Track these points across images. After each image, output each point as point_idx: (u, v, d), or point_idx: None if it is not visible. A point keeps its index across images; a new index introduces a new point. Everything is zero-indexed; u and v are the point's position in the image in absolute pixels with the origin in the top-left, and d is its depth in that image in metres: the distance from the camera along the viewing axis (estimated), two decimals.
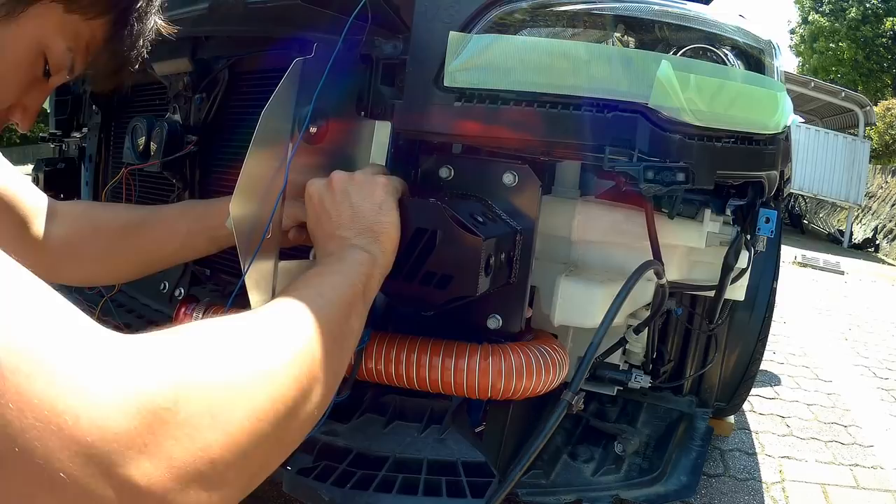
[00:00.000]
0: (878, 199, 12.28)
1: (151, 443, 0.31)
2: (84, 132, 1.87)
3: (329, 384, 0.50)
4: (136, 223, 0.91)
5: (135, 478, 0.30)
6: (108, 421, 0.29)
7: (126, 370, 0.32)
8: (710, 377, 1.52)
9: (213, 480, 0.34)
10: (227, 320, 0.45)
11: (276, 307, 0.52)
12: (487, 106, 0.82)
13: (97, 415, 0.29)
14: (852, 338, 3.74)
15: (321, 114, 0.82)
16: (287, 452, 0.45)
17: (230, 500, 0.36)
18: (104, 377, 0.30)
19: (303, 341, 0.48)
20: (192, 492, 0.32)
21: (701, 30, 0.87)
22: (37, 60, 0.67)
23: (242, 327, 0.45)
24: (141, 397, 0.31)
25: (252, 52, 1.20)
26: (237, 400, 0.37)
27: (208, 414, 0.35)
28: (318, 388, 0.47)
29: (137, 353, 0.34)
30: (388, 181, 0.76)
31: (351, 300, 0.60)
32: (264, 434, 0.39)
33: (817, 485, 1.80)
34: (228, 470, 0.35)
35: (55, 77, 0.70)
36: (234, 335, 0.44)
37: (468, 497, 0.87)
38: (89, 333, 0.32)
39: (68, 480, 0.28)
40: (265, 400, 0.40)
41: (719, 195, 1.09)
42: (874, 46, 18.15)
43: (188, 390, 0.34)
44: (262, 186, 0.76)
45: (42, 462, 0.27)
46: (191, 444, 0.33)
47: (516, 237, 0.86)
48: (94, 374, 0.30)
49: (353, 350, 0.62)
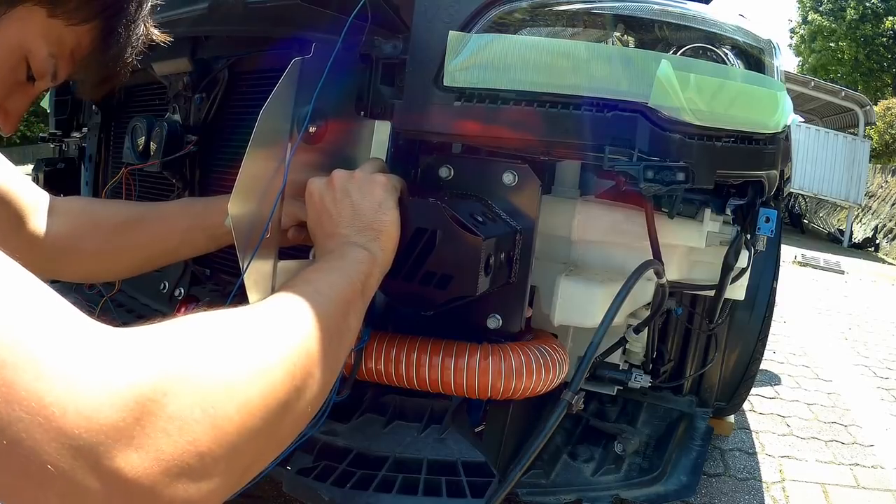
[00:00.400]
0: (878, 198, 12.28)
1: (140, 435, 0.30)
2: (84, 132, 1.87)
3: (325, 381, 0.50)
4: (134, 219, 0.91)
5: (122, 470, 0.29)
6: (96, 413, 0.29)
7: (115, 362, 0.32)
8: (710, 377, 1.52)
9: (202, 474, 0.33)
10: (222, 314, 0.44)
11: (272, 302, 0.51)
12: (487, 105, 0.82)
13: (85, 407, 0.29)
14: (852, 337, 3.74)
15: (320, 113, 0.82)
16: (280, 448, 0.45)
17: (220, 494, 0.35)
18: (92, 369, 0.30)
19: (298, 337, 0.48)
20: (180, 485, 0.32)
21: (701, 29, 0.87)
22: (18, 65, 0.65)
23: (237, 321, 0.45)
24: (129, 389, 0.31)
25: (252, 52, 1.20)
26: (228, 393, 0.37)
27: (198, 407, 0.34)
28: (312, 385, 0.47)
29: (127, 345, 0.34)
30: (387, 180, 0.76)
31: (349, 298, 0.60)
32: (256, 429, 0.38)
33: (817, 484, 1.80)
34: (218, 464, 0.35)
35: (39, 83, 0.69)
36: (229, 328, 0.43)
37: (468, 497, 0.87)
38: (78, 326, 0.32)
39: (55, 473, 0.28)
40: (257, 394, 0.39)
41: (719, 195, 1.09)
42: (874, 46, 18.15)
43: (178, 382, 0.34)
44: (260, 186, 0.76)
45: (29, 455, 0.27)
46: (180, 436, 0.32)
47: (516, 237, 0.86)
48: (83, 366, 0.30)
49: (352, 348, 0.62)
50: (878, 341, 3.72)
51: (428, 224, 0.75)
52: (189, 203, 0.99)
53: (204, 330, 0.41)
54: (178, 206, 0.96)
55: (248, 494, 0.40)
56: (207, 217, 0.90)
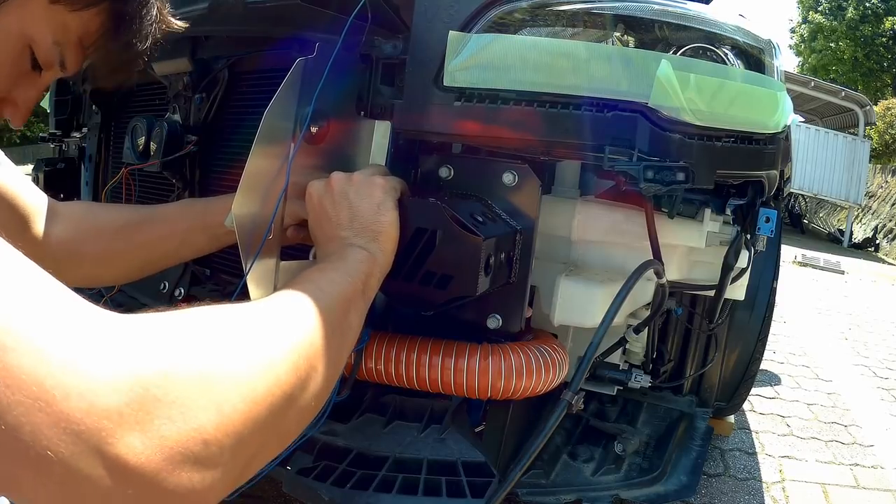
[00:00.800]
0: (878, 198, 12.28)
1: (143, 421, 0.30)
2: (84, 132, 1.87)
3: (328, 376, 0.50)
4: (135, 222, 0.91)
5: (125, 456, 0.29)
6: (98, 397, 0.28)
7: (119, 347, 0.31)
8: (710, 377, 1.52)
9: (206, 462, 0.33)
10: (228, 307, 0.44)
11: (276, 298, 0.51)
12: (487, 105, 0.82)
13: (87, 391, 0.28)
14: (852, 337, 3.74)
15: (321, 114, 0.82)
16: (283, 443, 0.44)
17: (223, 484, 0.35)
18: (96, 354, 0.30)
19: (302, 331, 0.48)
20: (184, 473, 0.31)
21: (701, 29, 0.87)
22: (22, 54, 0.63)
23: (243, 314, 0.45)
24: (133, 374, 0.31)
25: (252, 52, 1.20)
26: (234, 382, 0.37)
27: (203, 394, 0.34)
28: (316, 379, 0.47)
29: (132, 330, 0.33)
30: (386, 181, 0.76)
31: (350, 296, 0.60)
32: (260, 419, 0.38)
33: (817, 484, 1.80)
34: (223, 453, 0.34)
35: (47, 73, 0.66)
36: (234, 321, 0.43)
37: (468, 497, 0.87)
38: (81, 311, 0.32)
39: (55, 459, 0.27)
40: (262, 385, 0.39)
41: (719, 195, 1.09)
42: (874, 46, 18.15)
43: (183, 369, 0.33)
44: (264, 186, 0.76)
45: (29, 440, 0.26)
46: (184, 423, 0.32)
47: (516, 237, 0.86)
48: (86, 350, 0.29)
49: (353, 346, 0.62)
50: (878, 341, 3.72)
51: (428, 224, 0.75)
52: (188, 204, 0.99)
53: (210, 321, 0.41)
54: (178, 208, 0.96)
55: (248, 494, 0.40)
56: (207, 217, 0.90)
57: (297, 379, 0.44)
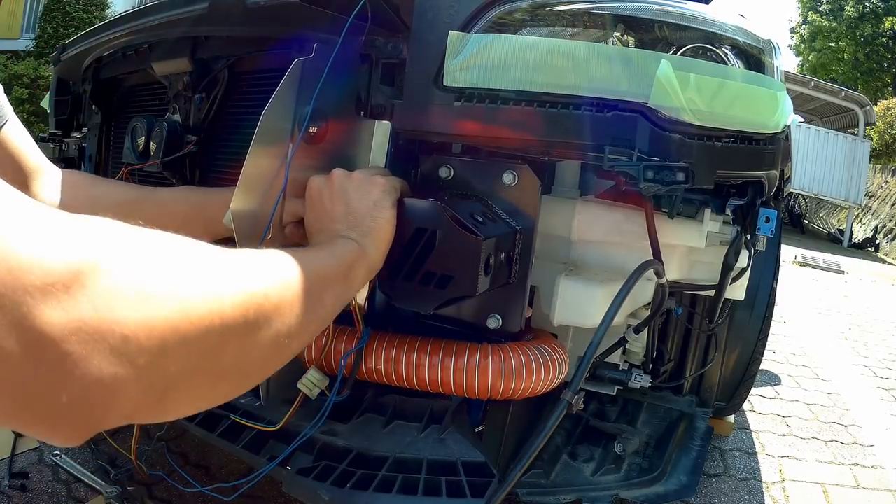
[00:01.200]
0: (878, 198, 12.27)
1: (66, 302, 0.30)
2: (84, 132, 1.87)
3: (282, 338, 0.49)
4: (132, 200, 0.91)
5: (39, 327, 0.29)
6: (25, 274, 0.29)
7: (64, 236, 0.32)
8: (710, 377, 1.52)
9: (120, 356, 0.32)
10: (201, 243, 0.44)
11: (250, 252, 0.51)
12: (487, 105, 0.82)
13: (16, 267, 0.28)
14: (852, 337, 3.74)
15: (321, 114, 0.82)
16: (216, 387, 0.43)
17: (136, 391, 0.34)
18: (33, 236, 0.30)
19: (261, 282, 0.47)
20: (94, 359, 0.31)
21: (701, 29, 0.87)
22: None
23: (209, 249, 0.44)
24: (69, 259, 0.31)
25: (252, 52, 1.20)
26: (171, 294, 0.36)
27: (135, 293, 0.34)
28: (267, 332, 0.46)
29: (87, 226, 0.33)
30: (386, 181, 0.76)
31: (328, 276, 0.60)
32: (190, 338, 0.37)
33: (817, 484, 1.80)
34: (140, 353, 0.34)
35: None
36: (198, 249, 0.43)
37: (468, 497, 0.87)
38: (35, 205, 0.32)
39: None
40: (201, 307, 0.38)
41: (719, 195, 1.09)
42: (874, 45, 18.14)
43: (119, 263, 0.34)
44: (262, 184, 0.76)
45: None
46: (107, 311, 0.32)
47: (516, 237, 0.86)
48: (24, 232, 0.30)
49: (324, 326, 0.61)
50: (878, 341, 3.72)
51: (428, 224, 0.75)
52: (187, 192, 1.00)
53: (174, 242, 0.41)
54: (178, 193, 0.96)
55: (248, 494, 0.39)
56: (205, 208, 0.91)
57: (244, 320, 0.43)
